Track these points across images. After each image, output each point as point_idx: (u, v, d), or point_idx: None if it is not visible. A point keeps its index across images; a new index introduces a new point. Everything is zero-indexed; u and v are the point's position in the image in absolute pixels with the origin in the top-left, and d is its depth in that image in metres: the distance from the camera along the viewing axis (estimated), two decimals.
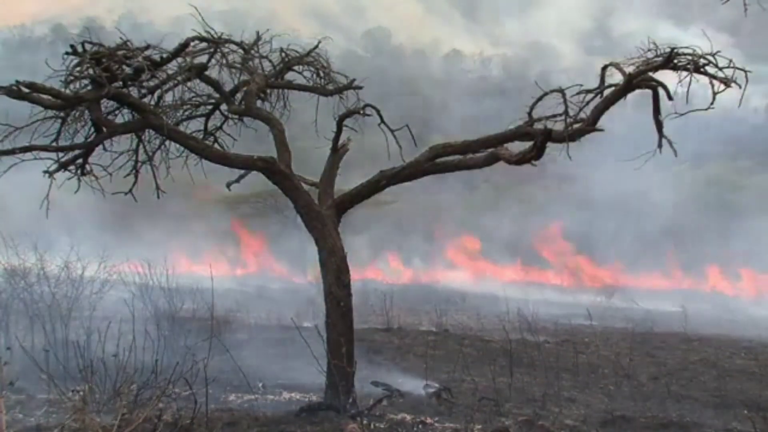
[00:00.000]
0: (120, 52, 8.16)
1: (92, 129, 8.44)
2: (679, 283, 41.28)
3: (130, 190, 9.42)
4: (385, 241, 43.10)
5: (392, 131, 10.12)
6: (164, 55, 8.53)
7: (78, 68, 7.93)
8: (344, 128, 10.02)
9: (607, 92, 9.07)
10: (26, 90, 7.68)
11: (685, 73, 8.67)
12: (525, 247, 43.49)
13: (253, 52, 9.91)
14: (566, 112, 8.92)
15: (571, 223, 43.06)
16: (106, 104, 8.66)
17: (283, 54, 10.14)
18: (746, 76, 8.55)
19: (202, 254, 33.18)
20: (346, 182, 10.19)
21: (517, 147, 9.40)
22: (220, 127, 10.40)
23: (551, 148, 9.01)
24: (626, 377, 13.22)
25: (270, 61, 10.15)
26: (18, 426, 8.07)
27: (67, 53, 7.94)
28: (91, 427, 6.23)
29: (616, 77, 9.08)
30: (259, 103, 9.98)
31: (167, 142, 9.47)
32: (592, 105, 9.10)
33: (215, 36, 9.14)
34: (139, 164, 9.49)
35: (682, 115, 9.10)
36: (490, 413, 9.93)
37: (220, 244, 38.64)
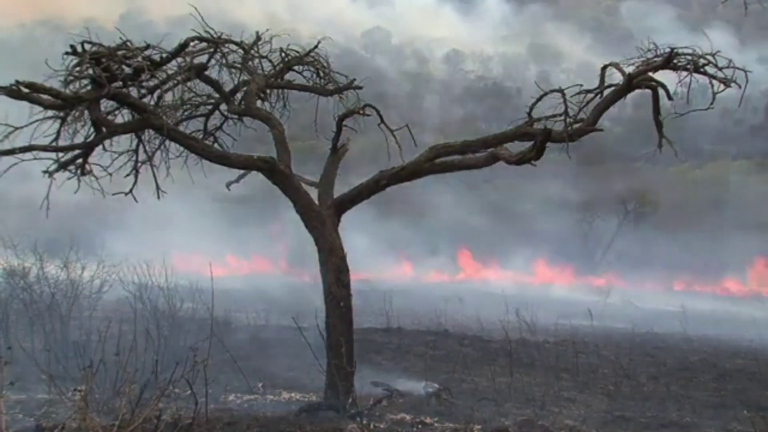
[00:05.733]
0: (120, 52, 8.15)
1: (92, 129, 8.42)
2: (678, 282, 41.32)
3: (131, 190, 9.41)
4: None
5: (392, 131, 10.12)
6: (164, 55, 8.53)
7: (78, 68, 7.92)
8: (344, 128, 10.02)
9: (607, 92, 9.08)
10: (26, 90, 7.67)
11: (685, 73, 8.69)
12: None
13: (252, 52, 9.91)
14: (566, 112, 8.93)
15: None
16: (106, 104, 8.65)
17: (283, 54, 10.14)
18: (746, 76, 8.57)
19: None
20: (346, 182, 10.19)
21: (517, 147, 9.41)
22: (220, 127, 10.40)
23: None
24: (626, 377, 13.21)
25: (270, 61, 10.15)
26: (18, 426, 8.07)
27: (66, 53, 7.93)
28: (91, 427, 6.23)
29: (615, 77, 9.10)
30: (258, 103, 9.98)
31: (167, 142, 9.46)
32: (592, 105, 9.11)
33: (215, 36, 9.13)
34: (139, 164, 9.48)
35: (682, 115, 9.12)
36: (490, 413, 9.93)
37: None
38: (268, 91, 10.22)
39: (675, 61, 8.61)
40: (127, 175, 9.41)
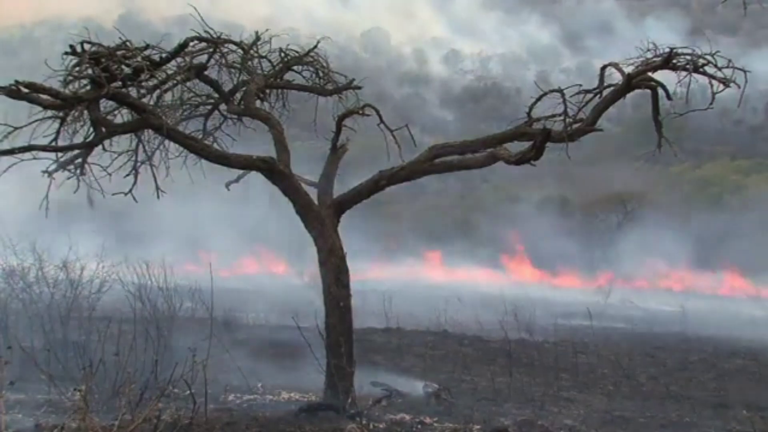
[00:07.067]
0: (119, 52, 8.14)
1: (91, 129, 8.42)
2: (678, 283, 41.32)
3: (130, 191, 9.41)
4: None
5: (391, 131, 10.12)
6: (163, 55, 8.52)
7: (77, 68, 7.91)
8: (343, 128, 10.01)
9: (606, 92, 9.08)
10: (25, 90, 7.65)
11: (684, 73, 8.69)
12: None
13: (252, 52, 9.91)
14: (565, 112, 8.92)
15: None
16: (106, 104, 8.65)
17: (283, 54, 10.13)
18: (745, 76, 8.57)
19: None
20: (346, 182, 10.20)
21: (517, 147, 9.42)
22: (219, 127, 10.40)
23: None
24: (625, 377, 13.22)
25: (269, 61, 10.15)
26: (18, 426, 8.06)
27: (66, 53, 7.92)
28: (90, 427, 6.23)
29: (615, 77, 9.10)
30: (258, 103, 9.98)
31: (166, 142, 9.46)
32: (591, 105, 9.12)
33: (214, 36, 9.13)
34: (139, 164, 9.49)
35: (682, 115, 9.13)
36: (489, 413, 9.94)
37: None
38: (267, 91, 10.22)
39: (674, 61, 8.60)
40: (127, 175, 9.41)
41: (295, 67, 10.32)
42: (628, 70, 8.81)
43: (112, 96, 8.19)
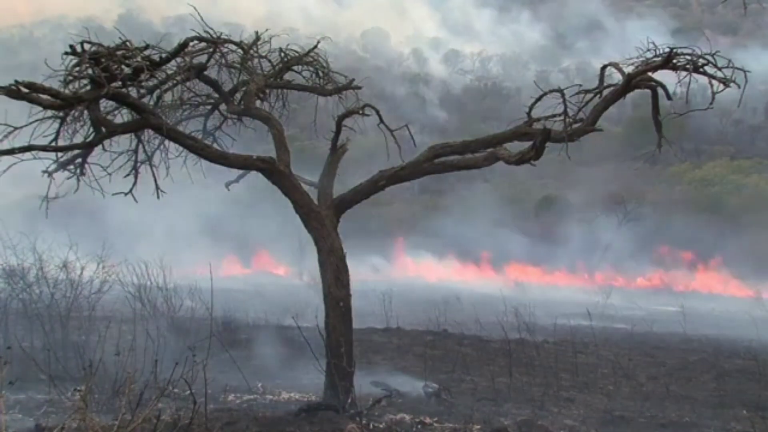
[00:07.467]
0: (119, 52, 8.12)
1: (91, 129, 8.42)
2: (677, 282, 41.34)
3: (130, 191, 9.41)
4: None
5: (391, 131, 10.12)
6: (163, 55, 8.51)
7: (77, 68, 7.90)
8: (343, 128, 10.01)
9: (606, 92, 9.08)
10: (25, 90, 7.64)
11: (684, 73, 8.69)
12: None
13: (252, 52, 9.90)
14: (565, 112, 8.92)
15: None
16: (105, 104, 8.64)
17: (282, 54, 10.13)
18: (745, 76, 8.57)
19: None
20: (346, 183, 10.19)
21: (517, 147, 9.42)
22: (219, 127, 10.40)
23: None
24: (625, 377, 13.22)
25: (269, 61, 10.14)
26: (18, 426, 8.06)
27: (66, 53, 7.91)
28: (90, 427, 6.22)
29: (615, 77, 9.11)
30: (258, 103, 9.97)
31: (166, 142, 9.46)
32: (591, 105, 9.12)
33: (214, 36, 9.13)
34: (139, 164, 9.49)
35: (682, 115, 9.13)
36: (490, 413, 9.94)
37: None
38: (267, 91, 10.21)
39: (674, 61, 8.60)
40: (127, 175, 9.41)
41: (295, 67, 10.31)
42: (628, 70, 8.81)
43: (112, 96, 8.18)
